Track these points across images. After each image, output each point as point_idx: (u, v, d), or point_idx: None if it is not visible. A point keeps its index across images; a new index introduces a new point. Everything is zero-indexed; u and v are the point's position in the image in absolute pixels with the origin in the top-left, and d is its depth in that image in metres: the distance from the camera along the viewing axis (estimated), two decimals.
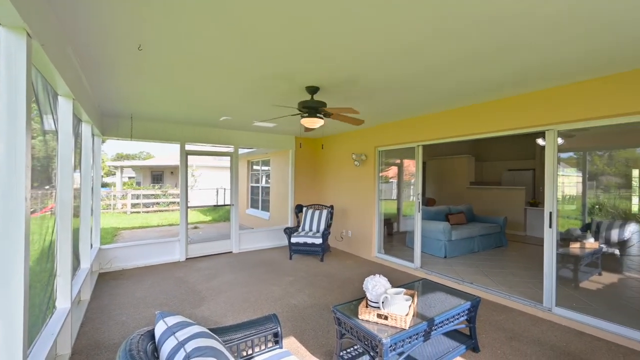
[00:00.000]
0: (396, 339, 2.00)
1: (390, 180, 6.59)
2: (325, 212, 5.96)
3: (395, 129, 5.18)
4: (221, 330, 1.81)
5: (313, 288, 4.12)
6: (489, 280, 4.33)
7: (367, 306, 2.31)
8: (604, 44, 2.23)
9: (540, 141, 6.32)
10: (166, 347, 1.22)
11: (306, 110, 3.25)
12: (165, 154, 34.46)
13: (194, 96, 3.69)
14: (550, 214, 3.32)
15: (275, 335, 1.96)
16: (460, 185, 9.11)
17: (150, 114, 4.72)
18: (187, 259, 5.57)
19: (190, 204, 10.05)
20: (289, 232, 5.71)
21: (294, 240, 5.56)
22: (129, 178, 20.71)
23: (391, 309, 2.16)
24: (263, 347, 1.93)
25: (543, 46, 2.26)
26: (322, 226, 5.84)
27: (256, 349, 1.89)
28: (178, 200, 9.51)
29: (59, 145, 2.61)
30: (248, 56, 2.49)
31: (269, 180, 9.15)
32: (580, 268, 3.61)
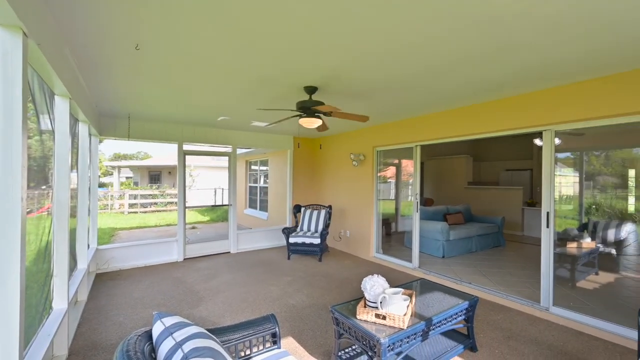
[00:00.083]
0: (394, 339, 2.00)
1: (388, 180, 6.60)
2: (323, 212, 5.96)
3: (394, 129, 5.18)
4: (219, 331, 1.80)
5: (311, 288, 4.12)
6: (487, 280, 4.35)
7: (366, 306, 2.32)
8: (604, 44, 2.23)
9: (537, 141, 6.34)
10: (164, 348, 1.21)
11: (304, 111, 3.24)
12: (163, 153, 34.38)
13: (192, 97, 3.68)
14: (548, 213, 3.34)
15: (274, 335, 1.95)
16: (458, 185, 9.14)
17: (147, 114, 4.70)
18: (185, 259, 5.55)
19: (188, 204, 10.03)
20: (287, 232, 5.70)
21: (292, 240, 5.56)
22: (127, 178, 20.61)
23: (389, 308, 2.16)
24: (261, 348, 1.92)
25: (543, 46, 2.26)
26: (321, 226, 5.84)
27: (254, 349, 1.89)
28: (176, 200, 9.48)
29: (55, 145, 2.60)
30: (246, 57, 2.48)
31: (267, 180, 9.14)
32: (577, 268, 3.63)
